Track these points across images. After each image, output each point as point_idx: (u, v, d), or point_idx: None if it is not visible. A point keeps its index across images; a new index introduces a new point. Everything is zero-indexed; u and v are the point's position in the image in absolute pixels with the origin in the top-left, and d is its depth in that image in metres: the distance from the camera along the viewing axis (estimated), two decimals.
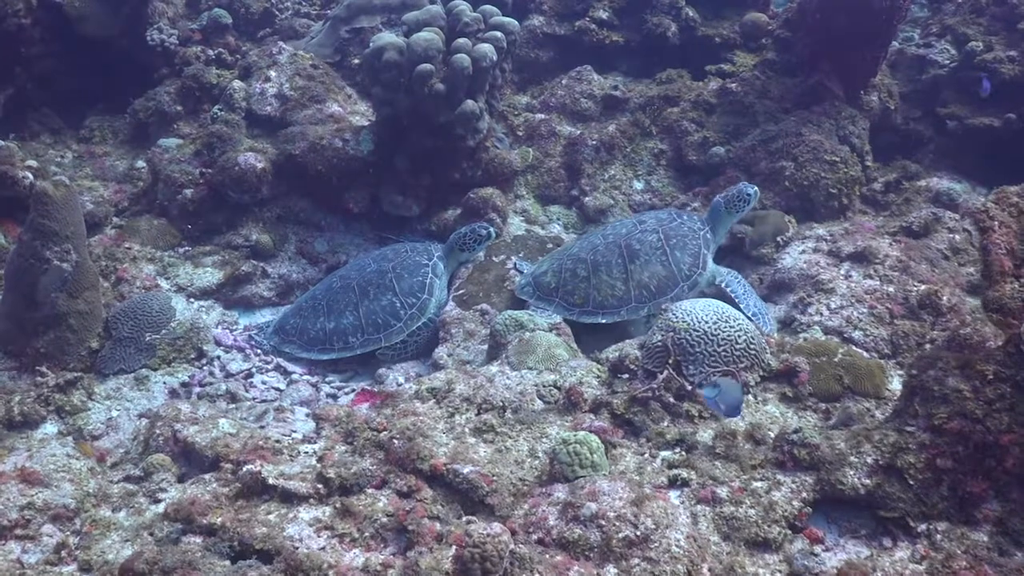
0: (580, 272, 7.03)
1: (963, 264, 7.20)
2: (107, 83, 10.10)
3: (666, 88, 9.52)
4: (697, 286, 6.98)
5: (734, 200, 7.19)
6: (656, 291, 6.92)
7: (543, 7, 10.42)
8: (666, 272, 6.93)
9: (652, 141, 9.24)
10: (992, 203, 5.11)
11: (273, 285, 8.12)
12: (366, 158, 8.30)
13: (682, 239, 7.03)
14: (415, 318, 7.26)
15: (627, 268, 6.94)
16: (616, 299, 6.95)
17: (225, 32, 10.43)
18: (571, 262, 7.11)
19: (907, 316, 6.49)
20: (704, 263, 7.00)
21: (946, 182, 8.47)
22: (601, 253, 7.05)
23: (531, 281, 7.23)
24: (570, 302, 7.01)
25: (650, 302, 6.91)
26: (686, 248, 7.00)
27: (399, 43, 7.93)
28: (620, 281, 6.94)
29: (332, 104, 8.97)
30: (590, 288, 6.98)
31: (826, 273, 6.92)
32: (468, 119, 8.00)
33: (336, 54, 9.91)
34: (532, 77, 10.33)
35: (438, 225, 8.37)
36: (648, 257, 6.96)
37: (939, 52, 9.68)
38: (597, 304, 6.97)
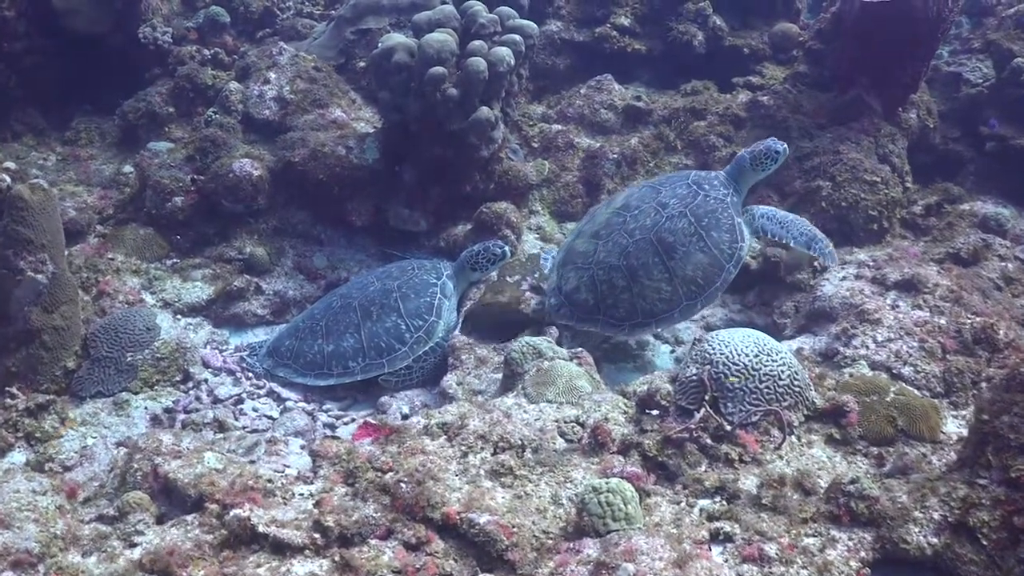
0: (618, 282, 6.49)
1: (1017, 295, 6.78)
2: (96, 82, 9.64)
3: (692, 100, 9.11)
4: (741, 261, 6.53)
5: (761, 157, 6.70)
6: (704, 282, 6.43)
7: (561, 12, 10.04)
8: (708, 259, 6.41)
9: (677, 156, 8.82)
10: None
11: (267, 302, 7.65)
12: (371, 167, 7.87)
13: (713, 215, 6.49)
14: (422, 342, 6.78)
15: (667, 266, 6.41)
16: (665, 302, 6.44)
17: (223, 31, 10.04)
18: (603, 271, 6.55)
19: (961, 351, 6.02)
20: (741, 233, 6.52)
21: (991, 206, 8.08)
22: (634, 255, 6.49)
23: (563, 301, 6.70)
24: (617, 317, 6.52)
25: (701, 296, 6.44)
26: (720, 224, 6.47)
27: (410, 44, 7.50)
28: (664, 282, 6.41)
29: (335, 109, 8.54)
30: (634, 297, 6.46)
31: (871, 302, 6.44)
32: (483, 127, 7.55)
33: (340, 56, 9.47)
34: (548, 85, 9.93)
35: (447, 241, 7.91)
36: (686, 247, 6.41)
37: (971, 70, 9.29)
38: (646, 313, 6.46)
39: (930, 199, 8.27)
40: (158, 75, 9.53)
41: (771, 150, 6.66)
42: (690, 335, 7.38)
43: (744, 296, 7.66)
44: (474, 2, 7.96)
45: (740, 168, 6.75)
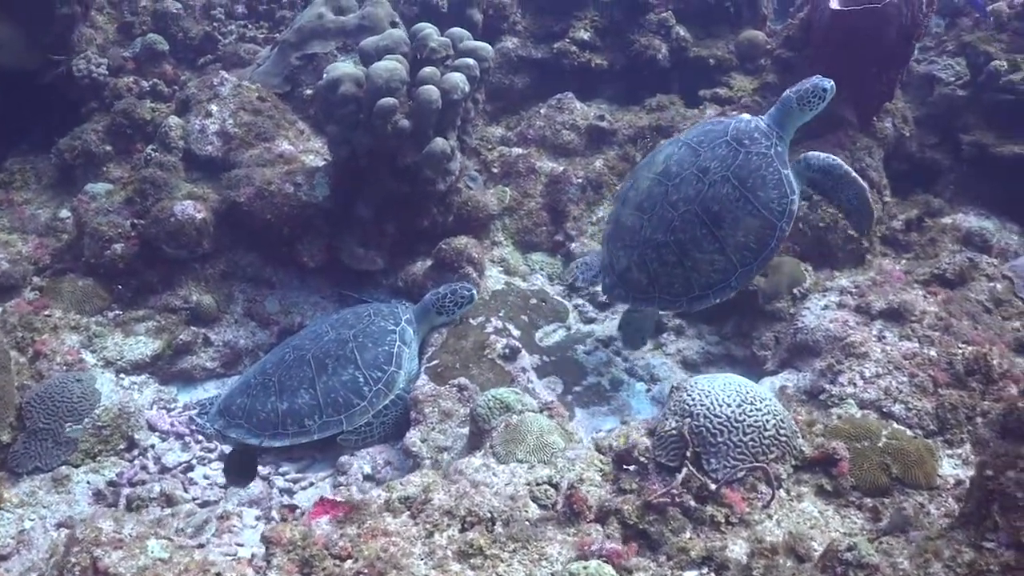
0: (668, 258, 6.27)
1: (1008, 317, 6.55)
2: (31, 119, 9.28)
3: (657, 117, 8.87)
4: (793, 215, 6.25)
5: (808, 96, 6.37)
6: (758, 245, 6.18)
7: (517, 28, 9.75)
8: (759, 221, 6.15)
9: None
10: None
11: (217, 354, 7.35)
12: (321, 204, 7.56)
13: (758, 174, 6.19)
14: (382, 395, 6.48)
15: (717, 236, 6.16)
16: (720, 272, 6.23)
17: (161, 60, 9.68)
18: (652, 249, 6.32)
19: (953, 384, 5.79)
20: (790, 185, 6.23)
21: (974, 219, 7.90)
22: (680, 229, 6.23)
23: (616, 282, 6.56)
24: (673, 293, 6.34)
25: (756, 260, 6.21)
26: (766, 182, 6.18)
27: (357, 74, 7.21)
28: (716, 252, 6.18)
29: (282, 142, 8.24)
30: (687, 272, 6.26)
31: (857, 334, 6.20)
32: (438, 160, 7.28)
33: (286, 84, 9.13)
34: (507, 106, 9.65)
35: (406, 281, 7.65)
36: (734, 214, 6.15)
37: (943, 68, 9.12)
38: (703, 285, 6.27)
39: (910, 213, 8.06)
40: (95, 109, 9.13)
41: (818, 88, 6.36)
42: (666, 371, 7.16)
43: (721, 327, 7.44)
44: (424, 25, 7.68)
45: (786, 110, 6.44)
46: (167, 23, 10.07)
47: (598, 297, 7.83)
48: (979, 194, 8.44)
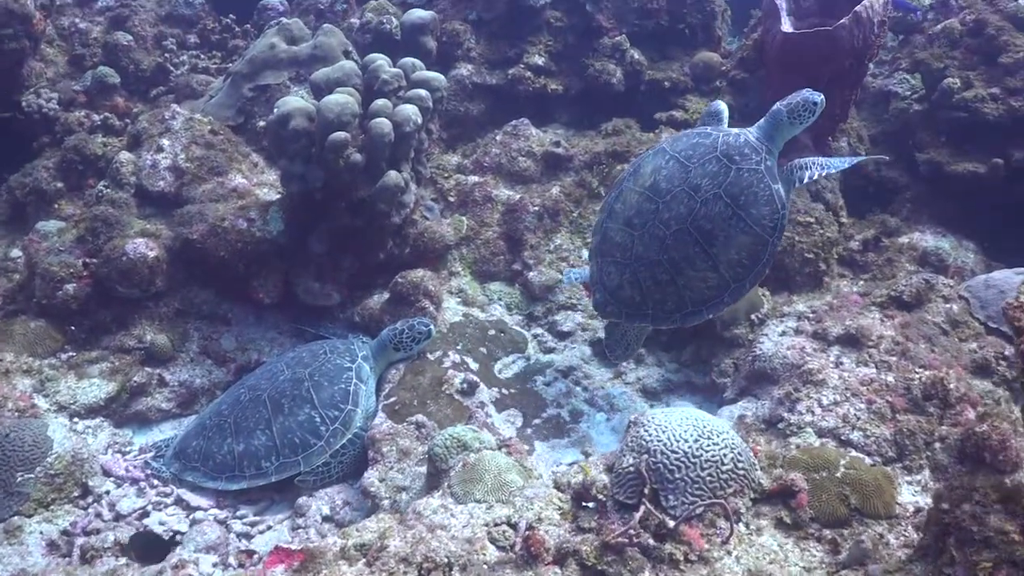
0: (661, 276, 6.31)
1: (964, 339, 6.57)
2: None
3: (613, 142, 8.85)
4: (784, 229, 6.30)
5: (798, 109, 6.42)
6: (750, 261, 6.21)
7: (471, 54, 9.73)
8: (751, 238, 6.17)
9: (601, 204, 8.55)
10: None
11: (173, 394, 7.27)
12: (276, 240, 7.51)
13: (749, 191, 6.20)
14: (339, 434, 6.44)
15: (709, 253, 6.18)
16: (713, 289, 6.26)
17: (113, 93, 9.62)
18: (644, 267, 6.35)
19: (911, 410, 5.81)
20: (781, 201, 6.25)
21: (931, 238, 7.94)
22: (673, 247, 6.25)
23: (608, 299, 6.57)
24: (666, 310, 6.38)
25: (748, 275, 6.24)
26: (758, 199, 6.19)
27: (308, 108, 7.16)
28: (709, 270, 6.21)
29: (235, 176, 8.17)
30: (680, 289, 6.29)
31: (814, 361, 6.22)
32: (392, 193, 7.26)
33: (239, 115, 9.08)
34: (463, 133, 9.63)
35: (362, 315, 7.61)
36: (726, 232, 6.17)
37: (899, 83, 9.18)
38: (696, 302, 6.31)
39: (867, 233, 8.11)
40: (46, 144, 9.06)
41: (808, 101, 6.42)
42: (626, 401, 7.15)
43: (680, 354, 7.46)
44: (376, 56, 7.66)
45: (776, 123, 6.49)
46: (118, 55, 10.00)
47: (557, 326, 7.83)
48: (936, 212, 8.50)
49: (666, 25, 9.84)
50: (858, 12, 7.48)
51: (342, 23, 10.33)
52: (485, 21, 9.88)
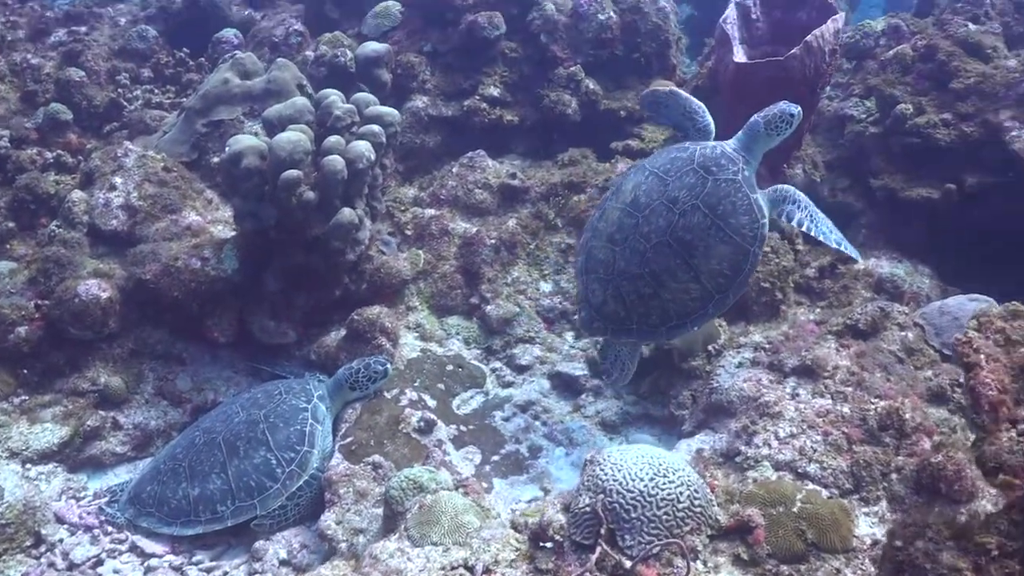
0: (644, 290, 6.30)
1: (920, 367, 6.60)
2: None
3: (569, 172, 8.87)
4: (765, 238, 6.29)
5: (775, 121, 6.43)
6: (732, 271, 6.19)
7: (427, 86, 9.74)
8: (731, 247, 6.16)
9: (558, 235, 8.58)
10: (974, 331, 4.51)
11: (128, 437, 7.21)
12: (230, 278, 7.47)
13: (727, 200, 6.20)
14: (295, 476, 6.40)
15: (690, 264, 6.17)
16: (697, 300, 6.24)
17: (65, 129, 9.55)
18: (627, 281, 6.35)
19: (867, 441, 5.83)
20: (761, 210, 6.24)
21: (886, 265, 7.99)
22: (654, 260, 6.25)
23: (594, 315, 6.56)
24: (651, 324, 6.35)
25: (731, 286, 6.22)
26: (736, 208, 6.19)
27: (260, 146, 7.14)
28: (691, 281, 6.20)
29: (189, 213, 8.12)
30: (664, 302, 6.27)
31: (770, 393, 6.25)
32: (346, 231, 7.24)
33: (193, 151, 9.02)
34: (419, 165, 9.62)
35: (319, 353, 7.58)
36: (707, 242, 6.16)
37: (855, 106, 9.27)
38: (680, 314, 6.28)
39: (823, 260, 8.14)
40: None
41: (785, 113, 6.43)
42: (585, 435, 7.15)
43: (639, 385, 7.45)
44: (329, 92, 7.67)
45: (753, 134, 6.50)
46: (71, 91, 9.93)
47: (515, 360, 7.83)
48: (892, 237, 8.56)
49: (621, 55, 9.90)
50: (809, 42, 7.55)
51: (297, 56, 10.33)
52: (440, 53, 9.90)
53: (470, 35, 9.65)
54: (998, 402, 4.28)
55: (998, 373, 4.29)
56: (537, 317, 8.10)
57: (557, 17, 9.79)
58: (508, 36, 9.83)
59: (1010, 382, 4.30)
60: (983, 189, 8.12)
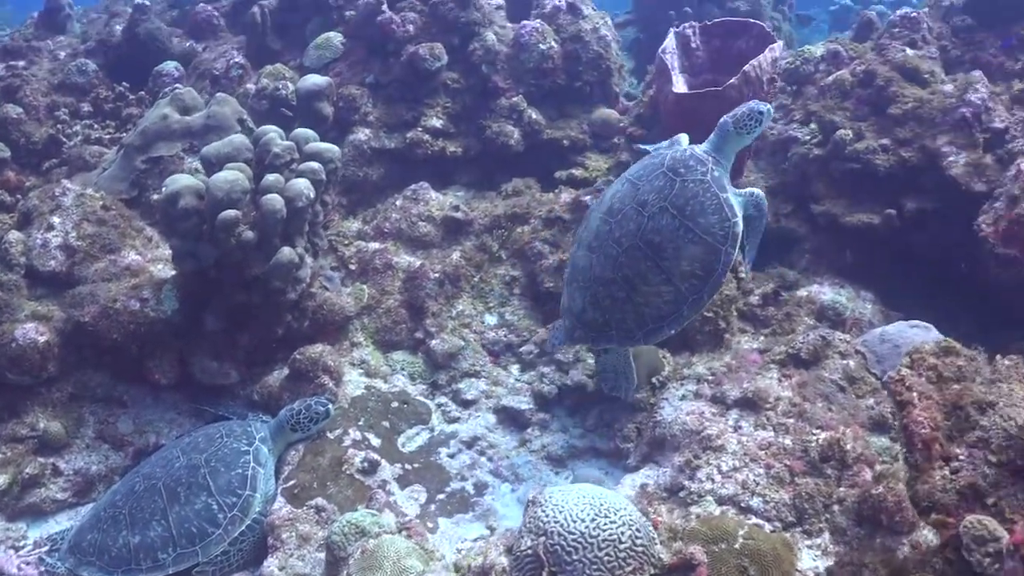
0: (618, 294, 6.34)
1: (861, 395, 6.63)
2: None
3: (513, 204, 8.89)
4: (739, 238, 6.28)
5: (744, 120, 6.45)
6: (704, 272, 6.19)
7: (369, 118, 9.72)
8: (702, 248, 6.16)
9: (503, 267, 8.57)
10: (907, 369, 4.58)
11: (68, 483, 7.12)
12: (170, 319, 7.41)
13: (695, 201, 6.20)
14: (237, 521, 6.34)
15: (661, 267, 6.19)
16: (670, 303, 6.25)
17: (3, 167, 9.51)
18: (602, 287, 6.41)
19: (809, 473, 5.88)
20: (731, 209, 6.23)
21: (828, 291, 8.04)
22: (626, 264, 6.29)
23: (576, 323, 6.62)
24: (627, 328, 6.38)
25: (704, 287, 6.23)
26: (704, 208, 6.18)
27: (197, 186, 7.10)
28: (663, 284, 6.21)
29: (129, 252, 8.05)
30: (637, 306, 6.30)
31: (713, 426, 6.28)
32: (286, 270, 7.21)
33: (132, 188, 8.94)
34: (363, 198, 9.59)
35: (261, 394, 7.53)
36: (675, 243, 6.17)
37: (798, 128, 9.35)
38: (656, 318, 6.30)
39: (766, 287, 8.19)
40: None
41: (754, 111, 6.46)
42: (531, 470, 7.15)
43: (585, 419, 7.47)
44: (268, 128, 7.64)
45: (723, 134, 6.53)
46: (8, 129, 9.87)
47: (461, 394, 7.81)
48: (834, 262, 8.61)
49: (563, 84, 9.96)
50: (747, 71, 7.62)
51: (238, 89, 10.30)
52: (382, 84, 9.90)
53: (411, 67, 9.66)
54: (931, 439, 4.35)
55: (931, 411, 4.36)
56: (482, 350, 8.09)
57: (498, 47, 9.85)
58: (450, 67, 9.85)
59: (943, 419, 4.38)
60: (923, 214, 8.20)
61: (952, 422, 4.34)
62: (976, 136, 8.17)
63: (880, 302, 8.24)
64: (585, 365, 7.65)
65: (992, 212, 7.50)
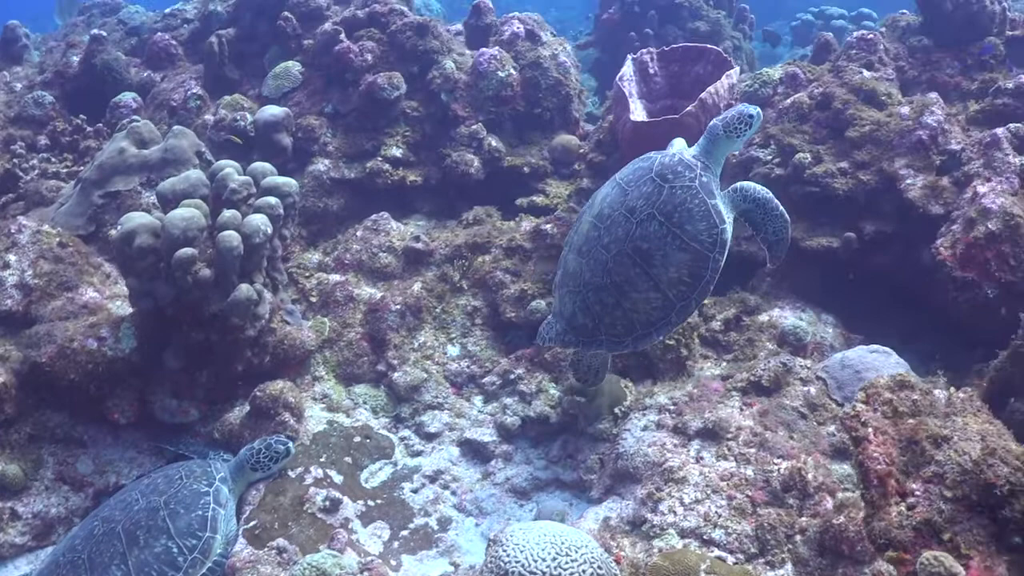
0: (607, 300, 6.35)
1: (822, 422, 6.70)
2: None
3: (474, 233, 8.88)
4: (727, 244, 6.32)
5: (733, 123, 6.45)
6: (692, 279, 6.22)
7: (328, 148, 9.72)
8: (690, 255, 6.18)
9: (464, 297, 8.56)
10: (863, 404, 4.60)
11: (28, 527, 7.05)
12: (129, 358, 7.36)
13: (683, 207, 6.22)
14: (198, 564, 6.28)
15: (650, 274, 6.21)
16: (658, 310, 6.28)
17: None
18: (592, 293, 6.43)
19: (771, 503, 5.91)
20: (720, 215, 6.25)
21: (790, 316, 8.07)
22: (615, 271, 6.31)
23: (566, 328, 6.63)
24: (617, 334, 6.40)
25: (693, 293, 6.26)
26: (693, 215, 6.20)
27: (153, 224, 7.07)
28: (651, 290, 6.23)
29: (87, 290, 8.00)
30: (627, 312, 6.33)
31: (675, 458, 6.30)
32: (244, 307, 7.18)
33: (90, 224, 8.88)
34: (323, 229, 9.57)
35: (222, 431, 7.48)
36: (664, 250, 6.18)
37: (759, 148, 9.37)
38: (644, 324, 6.32)
39: (728, 312, 8.21)
40: None
41: (744, 114, 6.46)
42: (495, 503, 7.14)
43: (548, 449, 7.47)
44: (225, 163, 7.63)
45: (712, 138, 6.54)
46: None
47: (424, 427, 7.79)
48: (796, 285, 8.63)
49: (523, 110, 9.98)
50: (704, 98, 7.67)
51: (196, 120, 10.27)
52: (341, 114, 9.90)
53: (370, 96, 9.67)
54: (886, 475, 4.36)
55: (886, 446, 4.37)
56: (445, 382, 8.07)
57: (457, 75, 9.87)
58: (409, 95, 9.87)
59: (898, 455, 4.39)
60: (882, 236, 8.24)
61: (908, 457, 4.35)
62: (933, 159, 8.23)
63: (842, 325, 8.27)
64: (547, 396, 7.65)
65: (949, 235, 7.55)
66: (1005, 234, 7.23)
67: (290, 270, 8.72)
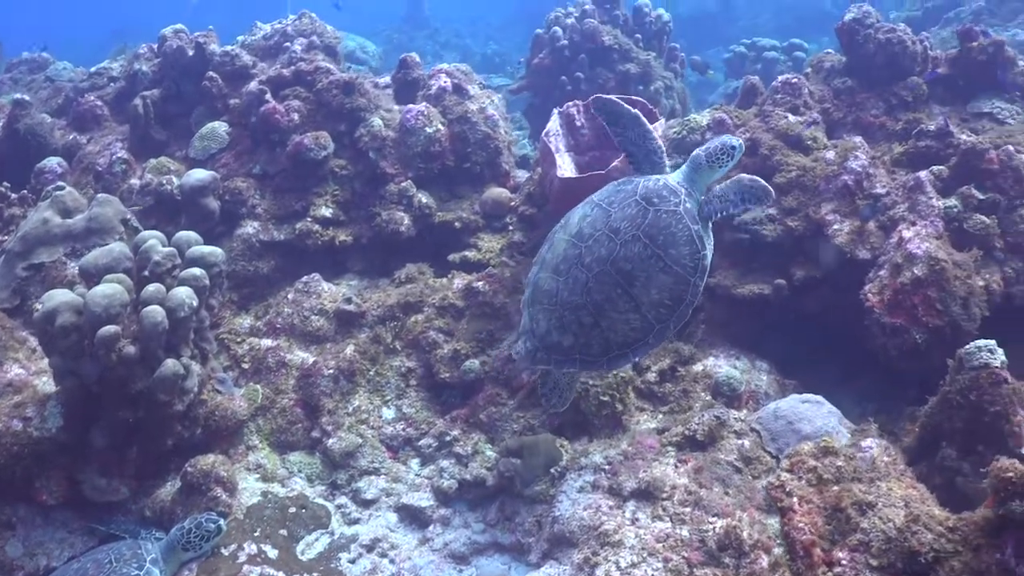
0: (585, 319, 6.33)
1: (757, 476, 6.71)
2: None
3: (406, 291, 8.87)
4: (707, 269, 6.40)
5: (716, 154, 6.53)
6: (672, 302, 6.27)
7: (257, 211, 9.66)
8: (672, 278, 6.23)
9: (398, 359, 8.53)
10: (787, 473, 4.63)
11: None
12: (56, 437, 7.23)
13: (667, 231, 6.26)
14: None
15: (631, 294, 6.23)
16: (637, 331, 6.29)
17: None
18: (570, 311, 6.39)
19: (707, 563, 5.92)
20: (702, 241, 6.33)
21: (724, 365, 8.12)
22: (595, 290, 6.30)
23: (538, 345, 6.56)
24: (592, 354, 6.38)
25: (672, 317, 6.32)
26: (676, 239, 6.25)
27: (75, 302, 6.98)
28: (631, 312, 6.25)
29: (11, 366, 7.91)
30: (604, 332, 6.31)
31: (610, 521, 6.31)
32: (170, 384, 7.10)
33: (15, 297, 8.77)
34: (254, 292, 9.50)
35: (153, 509, 7.37)
36: (646, 272, 6.22)
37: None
38: (621, 344, 6.32)
39: (663, 363, 8.24)
40: None
41: (726, 146, 6.54)
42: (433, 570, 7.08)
43: (486, 512, 7.44)
44: (148, 234, 7.55)
45: (695, 167, 6.60)
46: None
47: (361, 494, 7.73)
48: (730, 333, 8.69)
49: (453, 165, 9.98)
50: None
51: (122, 185, 10.17)
52: (270, 175, 9.86)
53: (298, 157, 9.63)
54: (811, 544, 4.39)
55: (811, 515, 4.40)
56: (381, 446, 8.03)
57: (385, 133, 9.86)
58: (338, 153, 9.85)
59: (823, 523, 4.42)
60: (812, 281, 8.33)
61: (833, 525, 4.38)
62: (858, 203, 8.33)
63: (776, 371, 8.34)
64: (483, 457, 7.64)
65: (877, 281, 7.64)
66: (931, 279, 7.34)
67: (221, 336, 8.66)
